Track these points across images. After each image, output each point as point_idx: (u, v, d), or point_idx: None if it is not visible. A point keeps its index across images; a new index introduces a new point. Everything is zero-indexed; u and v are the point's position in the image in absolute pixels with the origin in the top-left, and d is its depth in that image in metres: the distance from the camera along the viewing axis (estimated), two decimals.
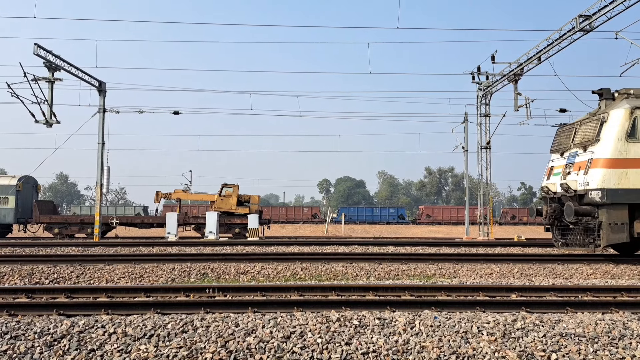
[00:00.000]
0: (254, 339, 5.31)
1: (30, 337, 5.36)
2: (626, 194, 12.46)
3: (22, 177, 26.39)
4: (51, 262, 12.54)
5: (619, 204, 12.50)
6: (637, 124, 12.71)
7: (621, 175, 12.51)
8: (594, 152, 12.98)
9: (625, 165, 12.57)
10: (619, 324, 5.95)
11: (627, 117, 12.73)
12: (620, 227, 12.48)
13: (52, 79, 20.79)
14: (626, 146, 12.62)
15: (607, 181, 12.51)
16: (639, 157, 12.61)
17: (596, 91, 14.05)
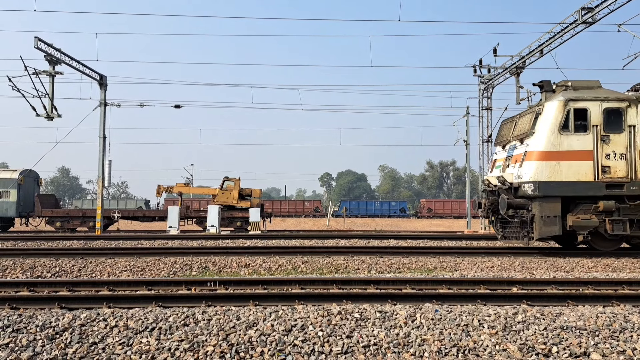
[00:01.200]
0: (255, 332, 5.33)
1: (32, 330, 5.38)
2: (558, 186, 12.43)
3: (23, 170, 26.42)
4: (53, 255, 12.57)
5: (551, 196, 12.45)
6: (571, 117, 12.66)
7: (554, 167, 12.47)
8: (528, 145, 12.95)
9: (558, 157, 12.53)
10: (619, 317, 5.95)
11: (560, 110, 12.68)
12: (552, 219, 12.43)
13: (52, 73, 20.76)
14: (559, 139, 12.58)
15: (540, 174, 12.47)
16: (572, 149, 12.56)
17: (537, 83, 13.93)
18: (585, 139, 12.61)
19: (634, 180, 12.53)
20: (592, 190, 12.46)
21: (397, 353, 5.00)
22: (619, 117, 12.72)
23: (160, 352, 4.93)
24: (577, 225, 12.46)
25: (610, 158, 12.58)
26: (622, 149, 12.62)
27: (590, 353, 5.00)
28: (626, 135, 12.67)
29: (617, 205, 12.58)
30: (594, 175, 12.49)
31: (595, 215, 12.54)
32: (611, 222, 12.55)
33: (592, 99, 12.78)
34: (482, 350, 5.03)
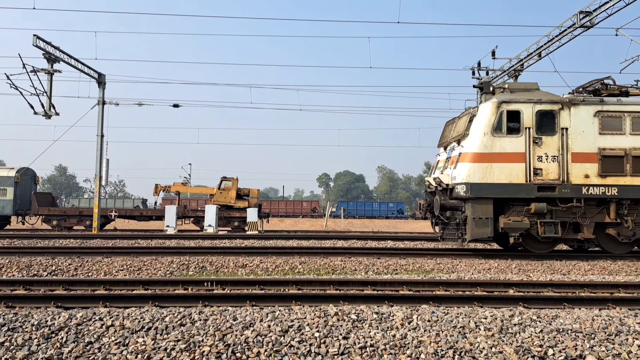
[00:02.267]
0: (252, 333, 5.32)
1: (28, 329, 5.36)
2: (490, 188, 12.43)
3: (20, 168, 26.35)
4: (49, 254, 12.54)
5: (483, 198, 12.45)
6: (504, 119, 12.67)
7: (486, 169, 12.46)
8: (463, 147, 12.94)
9: (491, 159, 12.52)
10: (615, 320, 5.96)
11: (493, 112, 12.68)
12: (484, 221, 12.43)
13: (51, 71, 20.73)
14: (492, 140, 12.58)
15: (472, 175, 12.46)
16: (504, 151, 12.56)
17: (476, 85, 14.00)
18: (517, 141, 12.62)
19: (565, 183, 12.55)
20: (523, 192, 12.48)
21: (394, 354, 5.00)
22: (552, 119, 12.74)
23: (156, 352, 4.92)
24: (509, 227, 12.50)
25: (542, 160, 12.59)
26: (555, 152, 12.63)
27: (586, 356, 5.01)
28: (559, 138, 12.68)
29: (549, 207, 12.61)
30: (525, 177, 12.50)
31: (527, 218, 12.57)
32: (543, 225, 12.57)
33: (525, 101, 12.79)
34: (479, 353, 5.03)
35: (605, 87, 13.67)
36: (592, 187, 12.58)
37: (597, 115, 12.76)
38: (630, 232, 12.97)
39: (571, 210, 12.75)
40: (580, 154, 12.65)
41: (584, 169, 12.63)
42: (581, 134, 12.72)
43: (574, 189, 12.56)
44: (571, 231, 12.97)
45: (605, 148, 12.67)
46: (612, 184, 12.60)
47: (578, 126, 12.74)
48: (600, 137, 12.73)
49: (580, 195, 12.58)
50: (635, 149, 12.69)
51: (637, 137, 12.76)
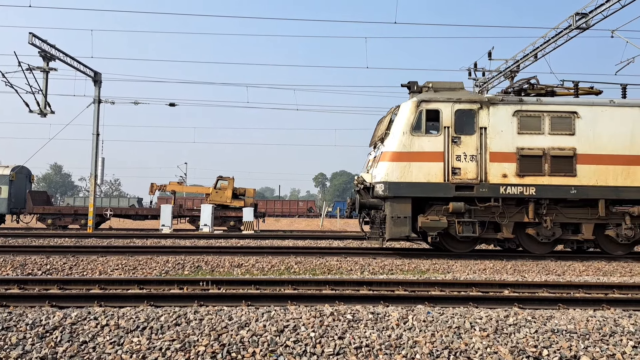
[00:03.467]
0: (247, 333, 5.32)
1: (22, 328, 5.34)
2: (408, 187, 12.44)
3: (15, 167, 26.25)
4: (44, 253, 12.49)
5: (402, 197, 12.47)
6: (422, 118, 12.68)
7: (404, 168, 12.47)
8: (384, 146, 12.95)
9: (409, 158, 12.53)
10: (610, 321, 5.98)
11: (412, 111, 12.70)
12: (403, 220, 12.44)
13: (46, 69, 20.65)
14: (410, 140, 12.58)
15: (391, 174, 12.48)
16: (423, 150, 12.57)
17: (404, 84, 13.86)
18: (436, 140, 12.63)
19: (483, 182, 12.56)
20: (441, 192, 12.50)
21: (389, 355, 5.00)
22: (471, 118, 12.75)
23: (151, 351, 4.91)
24: (426, 227, 12.52)
25: (460, 160, 12.59)
26: (473, 151, 12.64)
27: (581, 356, 5.03)
28: (477, 137, 12.69)
29: (468, 207, 12.62)
30: (444, 176, 12.51)
31: (446, 217, 12.58)
32: (461, 224, 12.60)
33: (445, 101, 12.79)
34: (474, 353, 5.04)
35: (532, 86, 13.70)
36: (510, 187, 12.60)
37: (516, 115, 12.76)
38: (549, 232, 12.98)
39: (490, 209, 12.77)
40: (498, 153, 12.66)
41: (502, 169, 12.63)
42: (500, 133, 12.72)
43: (492, 188, 12.58)
44: (491, 231, 13.02)
45: (524, 148, 12.68)
46: (530, 184, 12.62)
47: (497, 126, 12.74)
48: (519, 137, 12.73)
49: (498, 195, 12.59)
50: (554, 149, 12.69)
51: (555, 137, 12.76)
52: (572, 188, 12.65)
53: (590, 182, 12.69)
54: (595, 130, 12.79)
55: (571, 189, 12.65)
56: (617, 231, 12.94)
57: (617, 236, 12.95)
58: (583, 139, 12.77)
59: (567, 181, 12.68)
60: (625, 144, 12.77)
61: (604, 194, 12.71)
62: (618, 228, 12.95)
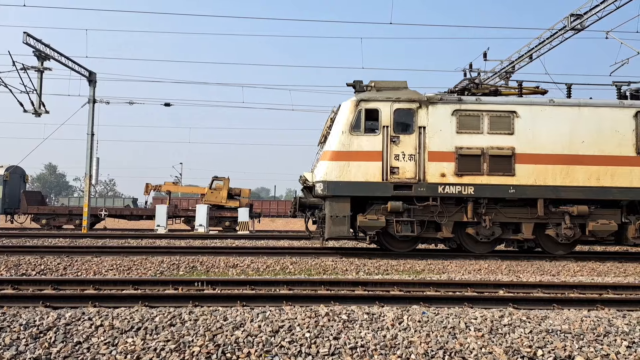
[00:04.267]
0: (242, 333, 5.31)
1: (16, 328, 5.31)
2: (347, 186, 12.44)
3: (9, 166, 26.11)
4: (38, 253, 12.43)
5: (341, 196, 12.46)
6: (362, 117, 12.66)
7: (343, 167, 12.47)
8: (325, 145, 12.97)
9: (348, 158, 12.52)
10: (604, 321, 6.01)
11: (352, 110, 12.70)
12: (342, 219, 12.45)
13: (41, 68, 20.55)
14: (350, 139, 12.58)
15: (330, 173, 12.48)
16: (361, 150, 12.56)
17: (349, 83, 13.80)
18: (375, 139, 12.62)
19: (422, 182, 12.56)
20: (380, 191, 12.50)
21: (384, 355, 5.00)
22: (410, 118, 12.74)
23: (145, 352, 4.89)
24: (365, 226, 12.51)
25: (399, 159, 12.59)
26: (412, 150, 12.63)
27: (575, 356, 5.04)
28: (416, 137, 12.68)
29: (406, 206, 12.62)
30: (382, 175, 12.50)
31: (385, 216, 12.57)
32: (399, 223, 12.62)
33: (384, 100, 12.77)
34: (469, 353, 5.05)
35: (476, 85, 13.72)
36: (448, 186, 12.60)
37: (455, 114, 12.76)
38: (488, 231, 12.95)
39: (429, 209, 12.75)
40: (437, 152, 12.66)
41: (440, 168, 12.63)
42: (438, 132, 12.71)
43: (430, 187, 12.58)
44: (432, 230, 13.02)
45: (462, 147, 12.67)
46: (469, 183, 12.62)
47: (435, 125, 12.72)
48: (458, 136, 12.73)
49: (437, 194, 12.59)
50: (493, 148, 12.68)
51: (494, 136, 12.76)
52: (510, 187, 12.64)
53: (529, 181, 12.68)
54: (535, 130, 12.79)
55: (510, 188, 12.64)
56: (557, 231, 12.91)
57: (557, 236, 12.92)
58: (522, 138, 12.76)
59: (506, 180, 12.66)
60: (565, 144, 12.77)
61: (542, 193, 12.70)
62: (558, 227, 12.93)
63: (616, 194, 12.71)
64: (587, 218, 12.83)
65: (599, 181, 12.71)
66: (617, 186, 12.71)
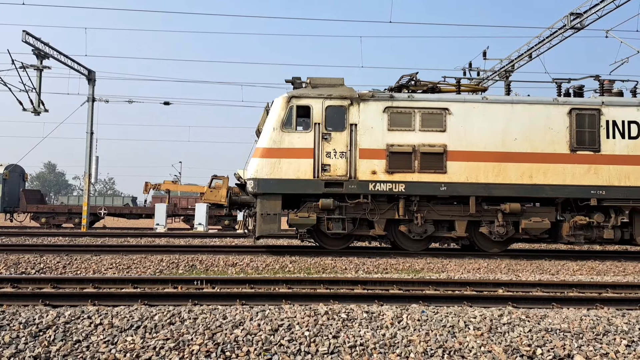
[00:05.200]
0: (241, 332, 5.31)
1: (15, 327, 5.31)
2: (278, 184, 12.36)
3: (9, 165, 26.11)
4: (38, 251, 12.43)
5: (272, 194, 12.39)
6: (293, 114, 12.58)
7: (274, 165, 12.38)
8: (257, 141, 12.90)
9: (279, 155, 12.44)
10: (603, 320, 6.01)
11: (283, 107, 12.61)
12: (272, 217, 12.38)
13: (40, 67, 20.53)
14: (281, 136, 12.49)
15: (260, 171, 12.39)
16: (293, 147, 12.48)
17: (288, 80, 13.67)
18: (306, 136, 12.55)
19: (353, 179, 12.48)
20: (311, 188, 12.43)
21: (383, 353, 5.01)
22: (342, 115, 12.65)
23: (145, 350, 4.89)
24: (295, 223, 12.47)
25: (330, 156, 12.51)
26: (343, 148, 12.55)
27: (574, 355, 5.05)
28: (347, 134, 12.60)
29: (337, 203, 12.56)
30: (313, 173, 12.43)
31: (317, 214, 12.52)
32: (330, 221, 12.59)
33: (315, 97, 12.69)
34: (468, 352, 5.05)
35: (415, 82, 13.63)
36: (379, 184, 12.53)
37: (387, 112, 12.67)
38: (420, 229, 12.85)
39: (361, 206, 12.66)
40: (368, 150, 12.58)
41: (371, 165, 12.54)
42: (370, 130, 12.63)
43: (361, 185, 12.50)
44: (365, 227, 12.94)
45: (394, 144, 12.59)
46: (400, 180, 12.54)
47: (367, 122, 12.65)
48: (389, 133, 12.64)
49: (368, 192, 12.52)
50: (424, 145, 12.60)
51: (426, 134, 12.67)
52: (442, 185, 12.57)
53: (461, 179, 12.59)
54: (467, 127, 12.69)
55: (441, 186, 12.57)
56: (490, 228, 12.85)
57: (490, 234, 12.86)
58: (454, 135, 12.67)
59: (437, 178, 12.58)
60: (497, 141, 12.68)
61: (474, 191, 12.61)
62: (491, 225, 12.85)
63: (549, 191, 12.62)
64: (521, 216, 12.73)
65: (532, 179, 12.60)
66: (550, 184, 12.60)
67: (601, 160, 12.71)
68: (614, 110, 12.88)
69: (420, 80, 13.69)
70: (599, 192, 12.61)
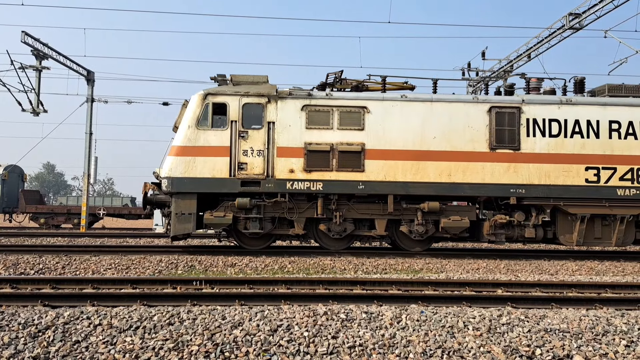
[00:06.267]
0: (240, 332, 5.31)
1: (15, 328, 5.31)
2: (193, 183, 12.17)
3: (8, 166, 26.08)
4: (37, 252, 12.41)
5: (186, 193, 12.21)
6: (209, 111, 12.42)
7: (189, 163, 12.19)
8: (173, 139, 12.70)
9: (195, 153, 12.26)
10: (602, 320, 6.02)
11: (199, 104, 12.45)
12: (187, 217, 12.18)
13: (39, 68, 20.51)
14: (196, 134, 12.32)
15: (174, 169, 12.19)
16: (208, 145, 12.31)
17: (213, 77, 13.47)
18: (223, 134, 12.38)
19: (270, 178, 12.36)
20: (227, 187, 12.27)
21: (382, 354, 5.01)
22: (259, 113, 12.52)
23: (144, 351, 4.89)
24: (210, 223, 12.32)
25: (247, 154, 12.36)
26: (260, 146, 12.42)
27: (573, 356, 5.05)
28: (265, 132, 12.47)
29: (255, 202, 12.43)
30: (230, 171, 12.27)
31: (234, 213, 12.39)
32: (248, 220, 12.49)
33: (232, 94, 12.55)
34: (467, 352, 5.06)
35: (340, 81, 13.54)
36: (297, 182, 12.41)
37: (305, 110, 12.55)
38: (339, 227, 12.74)
39: (279, 205, 12.55)
40: (285, 148, 12.46)
41: (289, 164, 12.42)
42: (287, 128, 12.50)
43: (279, 183, 12.38)
44: (285, 227, 12.83)
45: (312, 143, 12.47)
46: (318, 179, 12.42)
47: (285, 120, 12.52)
48: (307, 132, 12.52)
49: (285, 190, 12.40)
50: (342, 144, 12.48)
51: (344, 132, 12.55)
52: (360, 183, 12.45)
53: (379, 177, 12.48)
54: (385, 126, 12.58)
55: (359, 184, 12.45)
56: (410, 227, 12.77)
57: (410, 232, 12.80)
58: (372, 134, 12.56)
59: (355, 176, 12.46)
60: (416, 139, 12.57)
61: (392, 189, 12.51)
62: (411, 224, 12.77)
63: (467, 190, 12.52)
64: (441, 215, 12.65)
65: (450, 177, 12.49)
66: (469, 182, 12.48)
67: (521, 158, 12.59)
68: (534, 109, 12.75)
69: (346, 78, 13.56)
70: (518, 190, 12.50)
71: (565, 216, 12.75)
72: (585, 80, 13.66)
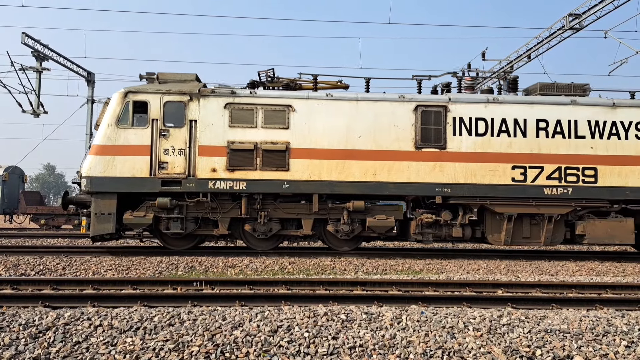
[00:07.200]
0: (241, 333, 5.31)
1: (15, 328, 5.31)
2: (112, 182, 12.00)
3: (8, 167, 26.08)
4: (37, 253, 12.42)
5: (106, 192, 12.05)
6: (130, 110, 12.25)
7: (108, 162, 12.02)
8: (93, 138, 12.59)
9: (114, 152, 12.07)
10: (603, 321, 6.02)
11: (119, 102, 12.28)
12: (106, 217, 12.01)
13: (39, 69, 20.56)
14: (116, 132, 12.14)
15: (94, 169, 12.00)
16: (128, 144, 12.13)
17: (143, 76, 13.28)
18: (143, 133, 12.22)
19: (191, 177, 12.23)
20: (147, 187, 12.11)
21: (383, 355, 5.01)
22: (181, 111, 12.37)
23: (144, 352, 4.89)
24: (130, 223, 12.17)
25: (168, 153, 12.22)
26: (182, 145, 12.27)
27: (574, 356, 5.05)
28: (187, 130, 12.33)
29: (176, 202, 12.29)
30: (150, 171, 12.10)
31: (155, 213, 12.26)
32: (169, 220, 12.39)
33: (153, 92, 12.39)
34: (467, 353, 5.06)
35: (272, 79, 13.47)
36: (219, 182, 12.27)
37: (228, 108, 12.43)
38: (265, 227, 12.66)
39: (202, 205, 12.44)
40: (207, 147, 12.32)
41: (211, 163, 12.29)
42: (210, 126, 12.37)
43: (200, 183, 12.24)
44: (210, 227, 12.72)
45: (235, 141, 12.35)
46: (241, 178, 12.30)
47: (207, 118, 12.38)
48: (230, 130, 12.40)
49: (207, 190, 12.27)
50: (267, 143, 12.39)
51: (269, 131, 12.45)
52: (284, 183, 12.35)
53: (304, 176, 12.38)
54: (310, 124, 12.48)
55: (284, 183, 12.35)
56: (337, 227, 12.70)
57: (336, 232, 12.73)
58: (297, 132, 12.47)
59: (280, 176, 12.36)
60: (341, 138, 12.48)
61: (317, 188, 12.41)
62: (337, 224, 12.71)
63: (392, 189, 12.44)
64: (367, 214, 12.60)
65: (375, 176, 12.41)
66: (394, 181, 12.40)
67: (447, 157, 12.52)
68: (461, 107, 12.69)
69: (278, 76, 13.47)
70: (444, 189, 12.43)
71: (493, 215, 12.70)
72: (518, 79, 13.71)
